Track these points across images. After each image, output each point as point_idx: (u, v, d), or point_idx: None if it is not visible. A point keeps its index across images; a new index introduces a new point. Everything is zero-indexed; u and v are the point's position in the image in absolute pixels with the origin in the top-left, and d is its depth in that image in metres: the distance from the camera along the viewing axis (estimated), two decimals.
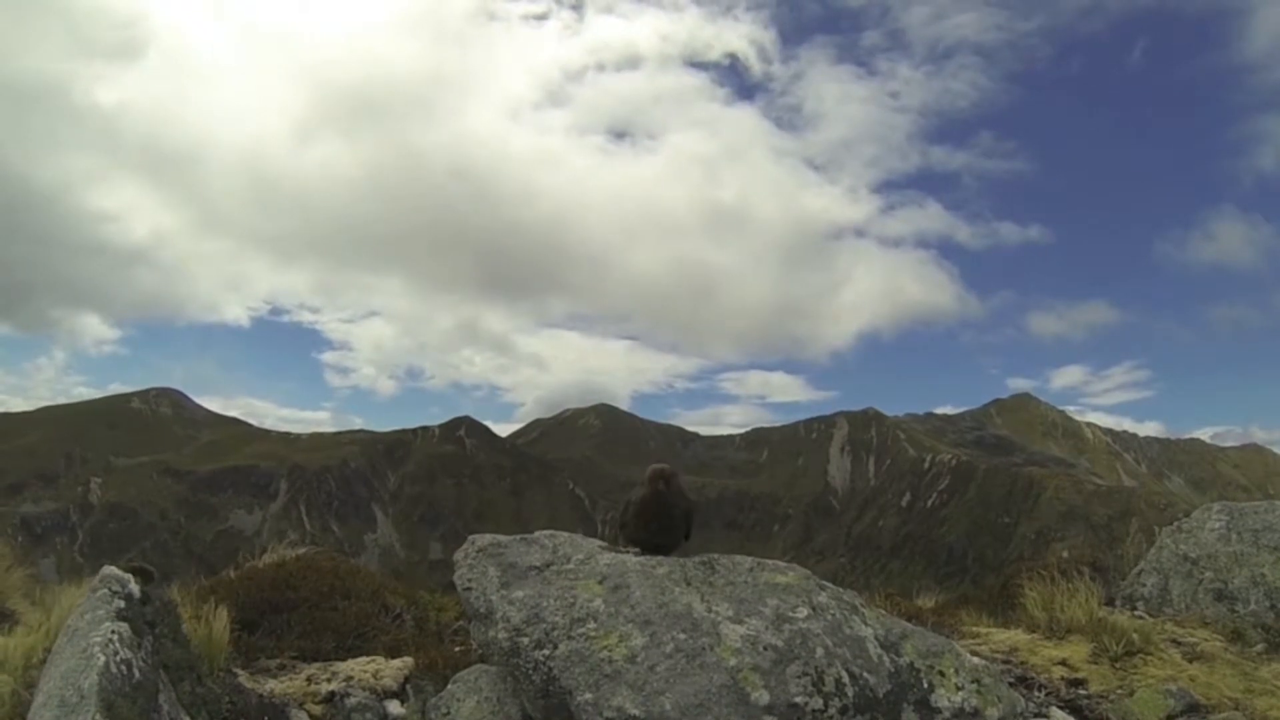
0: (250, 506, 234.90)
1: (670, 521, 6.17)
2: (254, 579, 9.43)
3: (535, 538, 6.11)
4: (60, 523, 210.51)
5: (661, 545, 6.16)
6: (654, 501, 6.17)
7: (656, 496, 6.17)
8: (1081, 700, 6.54)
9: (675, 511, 6.18)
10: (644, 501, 6.19)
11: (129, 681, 4.75)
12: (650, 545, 6.13)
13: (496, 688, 5.72)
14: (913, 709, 5.10)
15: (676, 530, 6.21)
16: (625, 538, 6.27)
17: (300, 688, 7.22)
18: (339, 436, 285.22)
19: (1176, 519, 10.21)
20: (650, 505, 6.17)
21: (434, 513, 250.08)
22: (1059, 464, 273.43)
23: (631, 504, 6.30)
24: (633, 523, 6.22)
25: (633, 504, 6.28)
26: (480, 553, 5.91)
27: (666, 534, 6.18)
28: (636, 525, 6.20)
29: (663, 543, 6.17)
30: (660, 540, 6.16)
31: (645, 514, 6.18)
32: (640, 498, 6.23)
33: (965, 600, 11.46)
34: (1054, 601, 8.37)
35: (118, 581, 5.52)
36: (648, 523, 6.16)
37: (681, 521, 6.20)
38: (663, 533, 6.16)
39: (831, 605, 5.53)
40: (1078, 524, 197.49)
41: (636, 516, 6.21)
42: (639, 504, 6.22)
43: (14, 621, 8.08)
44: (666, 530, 6.17)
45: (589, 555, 5.84)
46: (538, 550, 5.91)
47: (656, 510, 6.16)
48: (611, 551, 5.98)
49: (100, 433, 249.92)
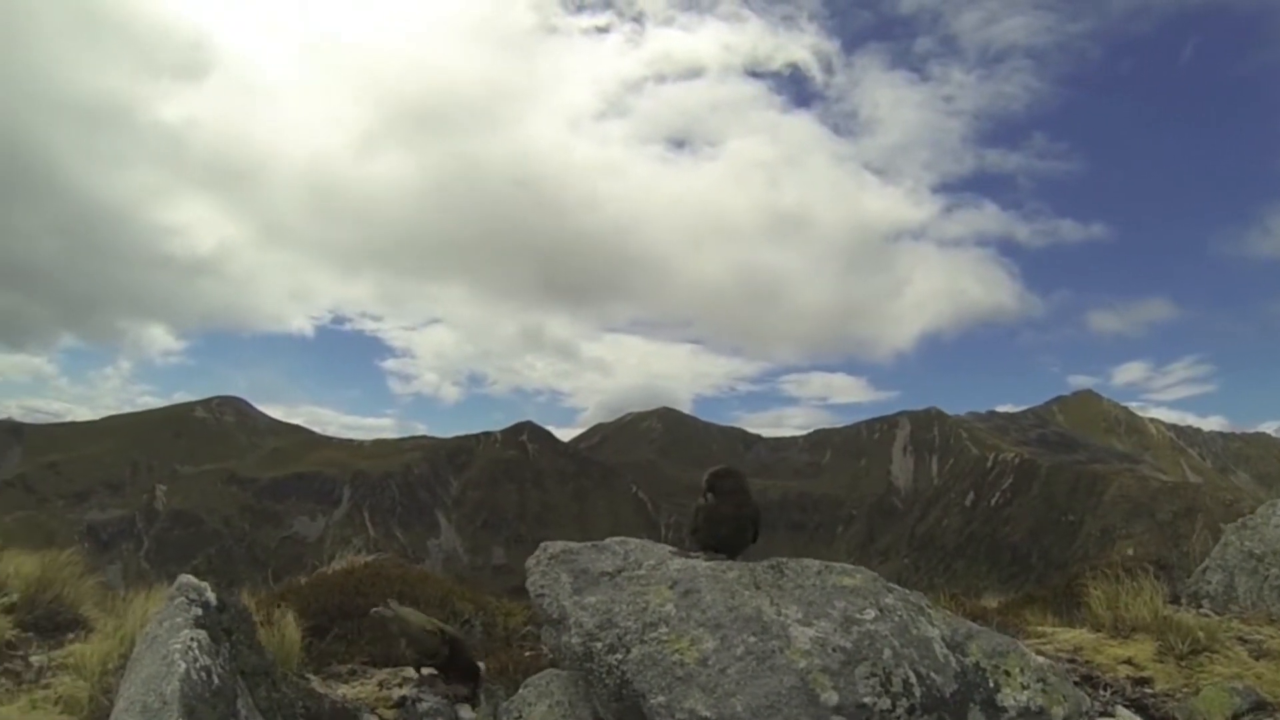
0: (313, 513, 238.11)
1: (738, 525, 6.15)
2: (323, 585, 9.56)
3: (606, 544, 6.13)
4: (126, 530, 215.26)
5: (730, 549, 6.15)
6: (721, 506, 6.16)
7: (724, 500, 6.16)
8: (1147, 699, 6.44)
9: (743, 515, 6.17)
10: (712, 506, 6.18)
11: (209, 687, 4.83)
12: (719, 549, 6.12)
13: (568, 691, 5.76)
14: (979, 708, 5.05)
15: (744, 534, 6.19)
16: (695, 542, 6.26)
17: (372, 693, 7.31)
18: (402, 443, 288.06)
19: (1242, 515, 10.03)
20: (718, 510, 6.16)
21: (497, 518, 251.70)
22: (1123, 461, 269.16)
23: (700, 509, 6.28)
24: (703, 527, 6.21)
25: (701, 509, 6.27)
26: (552, 560, 5.92)
27: (735, 538, 6.17)
28: (706, 530, 6.19)
29: (732, 546, 6.16)
30: (730, 544, 6.15)
31: (714, 518, 6.17)
32: (710, 504, 6.21)
33: (1029, 600, 11.33)
34: (1118, 600, 8.21)
35: (195, 590, 5.61)
36: (716, 527, 6.16)
37: (749, 525, 6.18)
38: (732, 536, 6.15)
39: (898, 606, 5.47)
40: (1142, 521, 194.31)
41: (706, 521, 6.20)
42: (707, 509, 6.21)
43: (87, 628, 8.23)
44: (735, 534, 6.16)
45: (660, 561, 5.83)
46: (609, 556, 5.92)
47: (725, 514, 6.14)
48: (681, 556, 5.97)
49: (165, 441, 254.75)
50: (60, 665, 7.02)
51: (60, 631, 8.11)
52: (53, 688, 6.41)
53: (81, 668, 6.45)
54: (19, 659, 7.25)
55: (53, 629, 8.12)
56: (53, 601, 8.43)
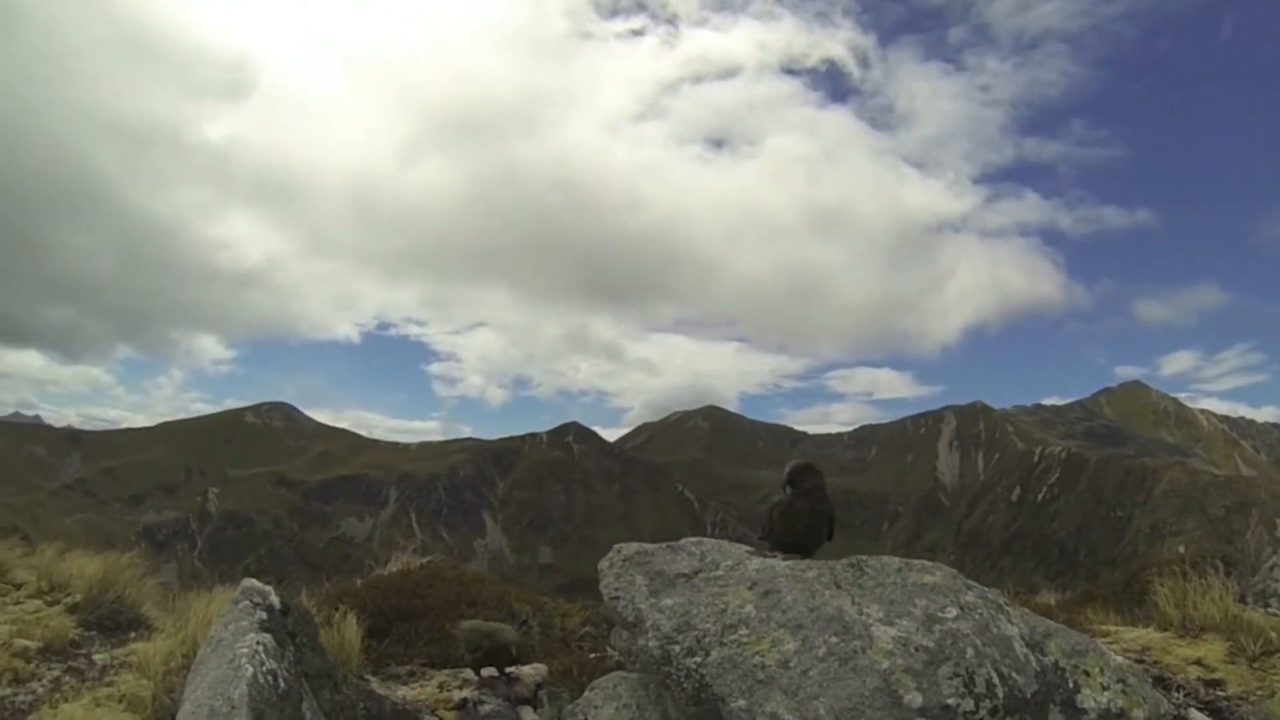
0: (361, 514, 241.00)
1: (815, 522, 6.02)
2: (380, 587, 9.58)
3: (682, 545, 6.00)
4: (180, 531, 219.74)
5: (806, 547, 6.01)
6: (798, 502, 6.04)
7: (802, 497, 6.04)
8: (1220, 702, 6.24)
9: (820, 512, 6.04)
10: (789, 502, 6.06)
11: (275, 691, 4.85)
12: (795, 547, 5.99)
13: (636, 694, 5.63)
14: (1059, 710, 4.87)
15: (820, 531, 6.05)
16: (772, 542, 6.12)
17: (432, 694, 7.29)
18: (447, 445, 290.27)
19: None
20: (795, 506, 6.04)
21: (543, 518, 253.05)
22: (1173, 454, 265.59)
23: (776, 506, 6.15)
24: (779, 525, 6.07)
25: (778, 506, 6.14)
26: (626, 562, 5.81)
27: (811, 535, 6.03)
28: (782, 527, 6.06)
29: (808, 544, 6.02)
30: (806, 542, 6.01)
31: (791, 515, 6.04)
32: (786, 501, 6.09)
33: (1089, 597, 11.13)
34: (1186, 598, 7.98)
35: (259, 593, 5.66)
36: (793, 523, 6.03)
37: (825, 522, 6.05)
38: (808, 534, 6.01)
39: (979, 604, 5.32)
40: (1194, 516, 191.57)
41: (782, 518, 6.07)
42: (784, 505, 6.08)
43: (148, 627, 8.42)
44: (812, 531, 6.02)
45: (737, 561, 5.70)
46: (685, 557, 5.80)
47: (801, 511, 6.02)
48: (759, 556, 5.85)
49: (217, 446, 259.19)
50: (123, 663, 7.22)
51: (122, 630, 8.37)
52: (116, 685, 6.54)
53: (144, 666, 6.55)
54: (82, 657, 7.49)
55: (114, 628, 8.38)
56: (114, 601, 8.72)
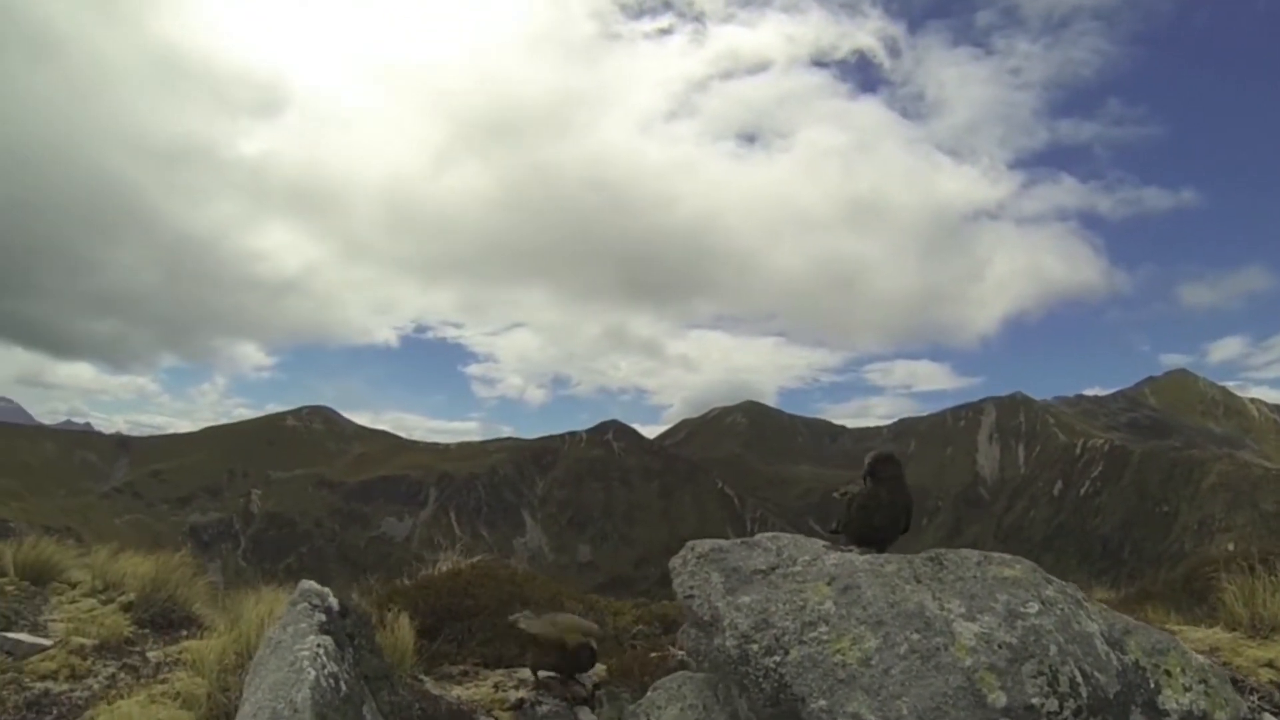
0: (400, 514, 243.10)
1: (894, 514, 5.86)
2: (430, 587, 9.52)
3: (757, 540, 5.84)
4: (225, 531, 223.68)
5: (883, 540, 5.87)
6: (879, 492, 5.87)
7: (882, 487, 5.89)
8: None
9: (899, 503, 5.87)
10: (870, 493, 5.89)
11: (338, 694, 4.81)
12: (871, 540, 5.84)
13: (702, 695, 5.52)
14: (1140, 711, 4.70)
15: (898, 523, 5.89)
16: (849, 534, 5.96)
17: (487, 694, 7.22)
18: (487, 445, 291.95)
19: None
20: (876, 496, 5.87)
21: (582, 516, 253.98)
22: (1221, 445, 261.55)
23: (855, 497, 6.00)
24: (857, 517, 5.91)
25: (856, 497, 5.98)
26: (700, 559, 5.66)
27: (890, 528, 5.87)
28: (860, 519, 5.89)
29: (885, 537, 5.88)
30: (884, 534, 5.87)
31: (870, 506, 5.87)
32: (866, 492, 5.93)
33: (1146, 595, 10.84)
34: (1256, 597, 7.65)
35: (317, 595, 5.65)
36: (871, 515, 5.86)
37: (903, 514, 5.89)
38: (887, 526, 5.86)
39: (1059, 599, 5.14)
40: (1244, 512, 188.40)
41: (860, 510, 5.90)
42: (864, 496, 5.92)
43: (200, 626, 8.59)
44: (890, 523, 5.86)
45: (815, 556, 5.55)
46: (760, 553, 5.64)
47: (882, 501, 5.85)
48: (836, 551, 5.69)
49: (259, 449, 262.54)
50: (176, 661, 7.34)
51: (174, 629, 8.56)
52: (170, 683, 6.60)
53: (199, 664, 6.59)
54: (137, 655, 7.63)
55: (167, 626, 8.58)
56: (166, 600, 8.97)
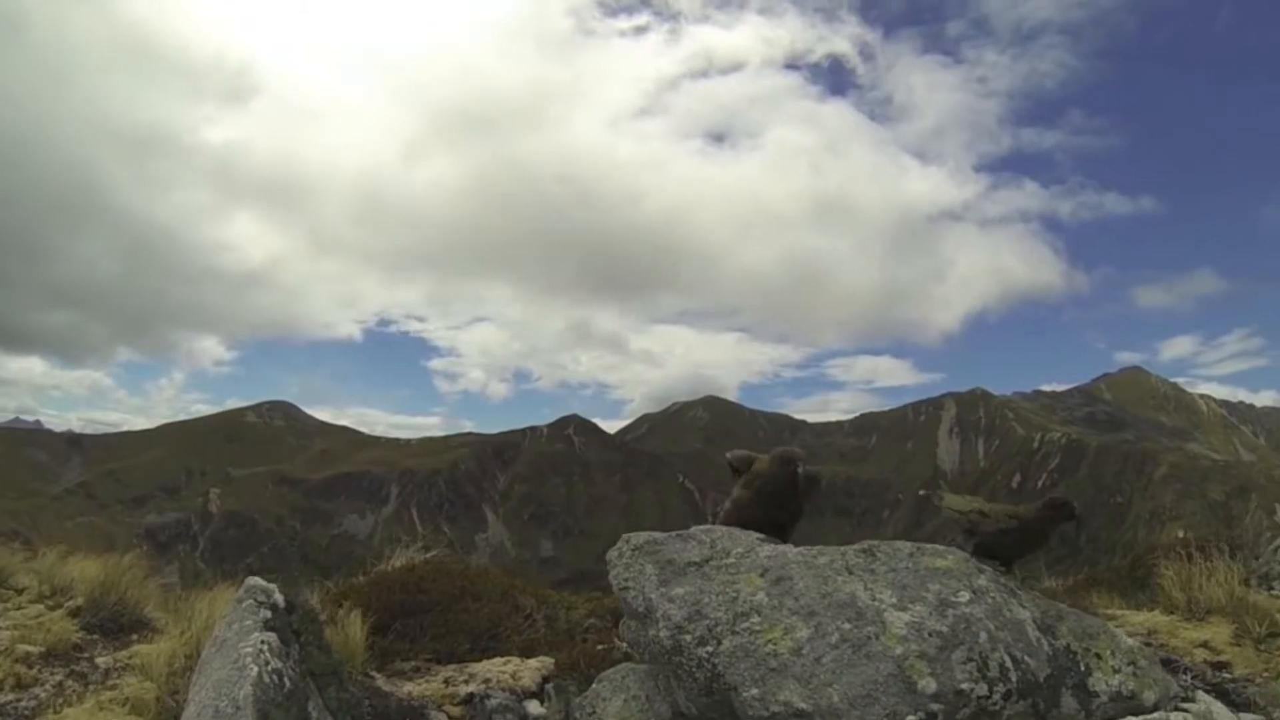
0: (363, 511, 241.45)
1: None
2: (384, 583, 9.51)
3: (692, 533, 5.95)
4: (182, 532, 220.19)
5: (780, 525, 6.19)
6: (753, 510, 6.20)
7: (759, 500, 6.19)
8: (1227, 684, 6.21)
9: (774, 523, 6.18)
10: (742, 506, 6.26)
11: (281, 691, 4.77)
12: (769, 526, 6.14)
13: (645, 686, 5.59)
14: (1071, 693, 4.89)
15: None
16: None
17: (438, 690, 7.24)
18: (448, 440, 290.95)
19: None
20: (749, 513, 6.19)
21: (544, 511, 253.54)
22: (1172, 439, 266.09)
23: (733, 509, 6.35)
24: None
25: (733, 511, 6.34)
26: (636, 551, 5.74)
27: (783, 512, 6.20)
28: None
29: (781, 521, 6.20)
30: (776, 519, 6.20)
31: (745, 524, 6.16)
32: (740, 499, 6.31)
33: (1093, 581, 11.11)
34: (1191, 581, 7.93)
35: (263, 591, 5.57)
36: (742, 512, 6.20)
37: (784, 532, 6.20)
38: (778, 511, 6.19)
39: (991, 588, 5.30)
40: (1194, 501, 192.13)
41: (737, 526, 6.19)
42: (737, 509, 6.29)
43: (152, 629, 8.33)
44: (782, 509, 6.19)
45: (748, 548, 5.66)
46: (695, 546, 5.74)
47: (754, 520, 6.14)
48: (770, 543, 5.81)
49: (218, 446, 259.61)
50: (126, 666, 7.06)
51: (124, 633, 8.20)
52: (119, 689, 6.40)
53: (147, 668, 6.46)
54: (85, 661, 7.31)
55: (117, 630, 8.20)
56: (116, 604, 8.54)
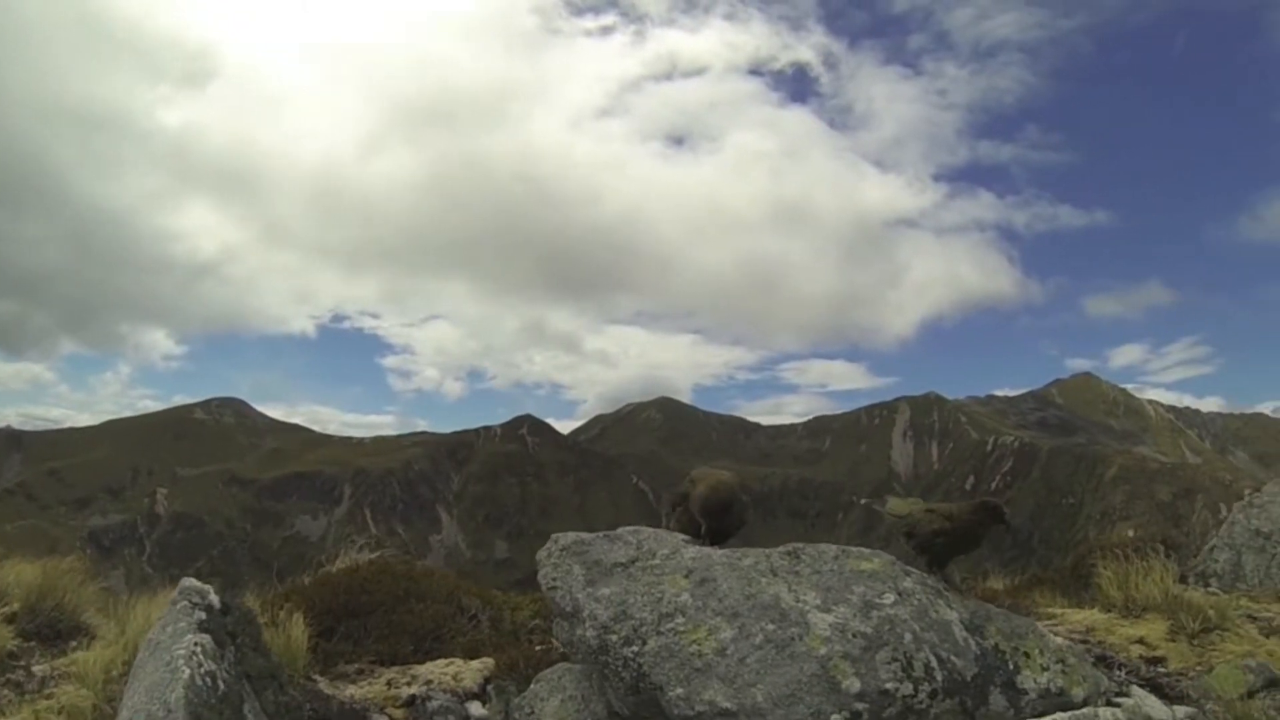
0: (315, 512, 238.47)
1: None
2: (327, 584, 9.43)
3: (619, 534, 6.07)
4: (128, 535, 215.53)
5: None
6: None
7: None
8: (1161, 678, 6.42)
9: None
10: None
11: (214, 693, 4.73)
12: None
13: (581, 686, 5.68)
14: (999, 691, 5.07)
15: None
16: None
17: (380, 692, 7.21)
18: (401, 440, 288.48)
19: (1244, 494, 10.10)
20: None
21: (498, 512, 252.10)
22: (1122, 442, 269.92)
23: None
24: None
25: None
26: (564, 551, 5.85)
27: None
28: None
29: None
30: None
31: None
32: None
33: (1037, 581, 11.31)
34: (1129, 580, 8.19)
35: (198, 593, 5.51)
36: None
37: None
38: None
39: (917, 590, 5.48)
40: (1143, 502, 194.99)
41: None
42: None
43: (90, 635, 8.14)
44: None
45: (674, 550, 5.79)
46: (622, 546, 5.85)
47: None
48: (695, 545, 5.95)
49: (165, 444, 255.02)
50: (63, 674, 6.90)
51: (63, 640, 8.02)
52: (56, 697, 6.28)
53: (84, 676, 6.33)
54: (21, 669, 7.15)
55: (55, 637, 8.02)
56: (54, 609, 8.32)
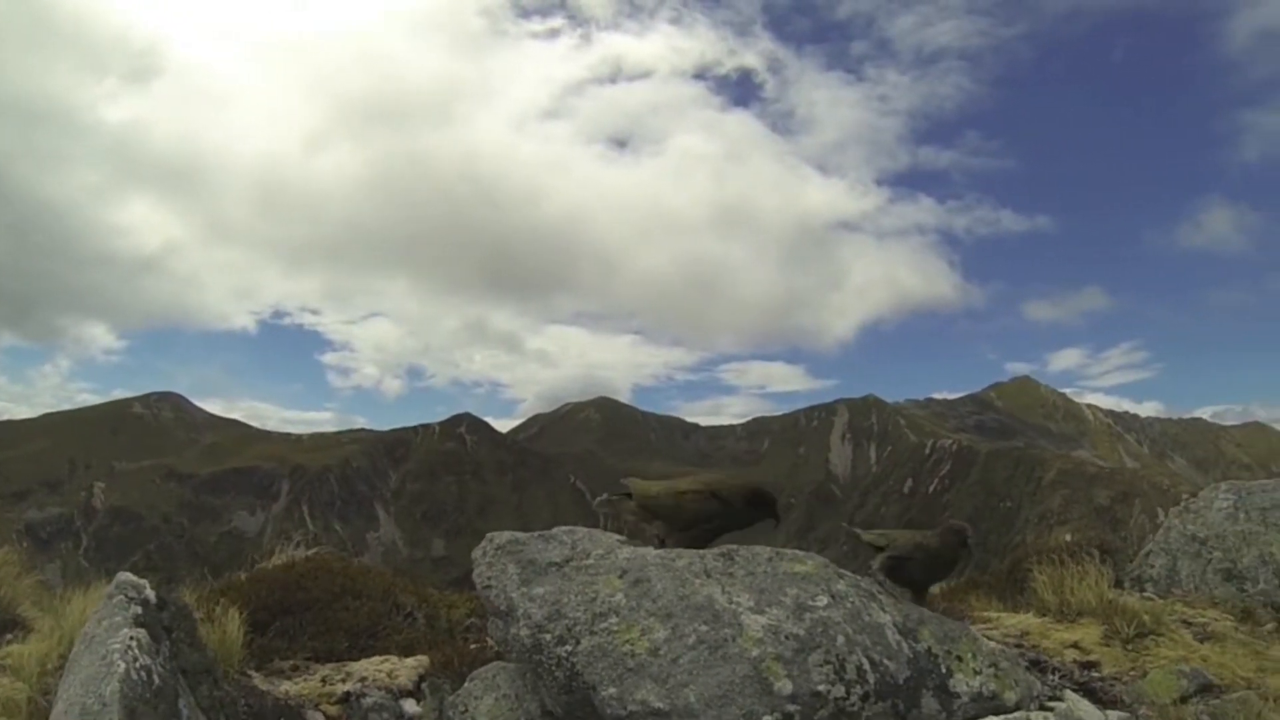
0: (253, 508, 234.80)
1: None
2: (264, 581, 9.35)
3: (554, 534, 6.04)
4: (65, 528, 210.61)
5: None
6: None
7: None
8: (1095, 683, 6.48)
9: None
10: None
11: (149, 687, 4.70)
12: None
13: (515, 684, 5.68)
14: (932, 695, 5.09)
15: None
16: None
17: (315, 688, 7.18)
18: (340, 436, 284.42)
19: (1181, 499, 10.16)
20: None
21: (436, 510, 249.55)
22: (1060, 446, 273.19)
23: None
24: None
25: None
26: (499, 550, 5.82)
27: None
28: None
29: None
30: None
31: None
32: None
33: (973, 585, 11.38)
34: (1064, 584, 8.27)
35: (134, 587, 5.44)
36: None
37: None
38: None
39: (850, 593, 5.49)
40: (1080, 506, 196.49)
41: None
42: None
43: (25, 629, 7.99)
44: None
45: (608, 550, 5.77)
46: (557, 546, 5.84)
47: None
48: (630, 545, 5.94)
49: (103, 438, 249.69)
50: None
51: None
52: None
53: (19, 669, 6.21)
54: None
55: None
56: None
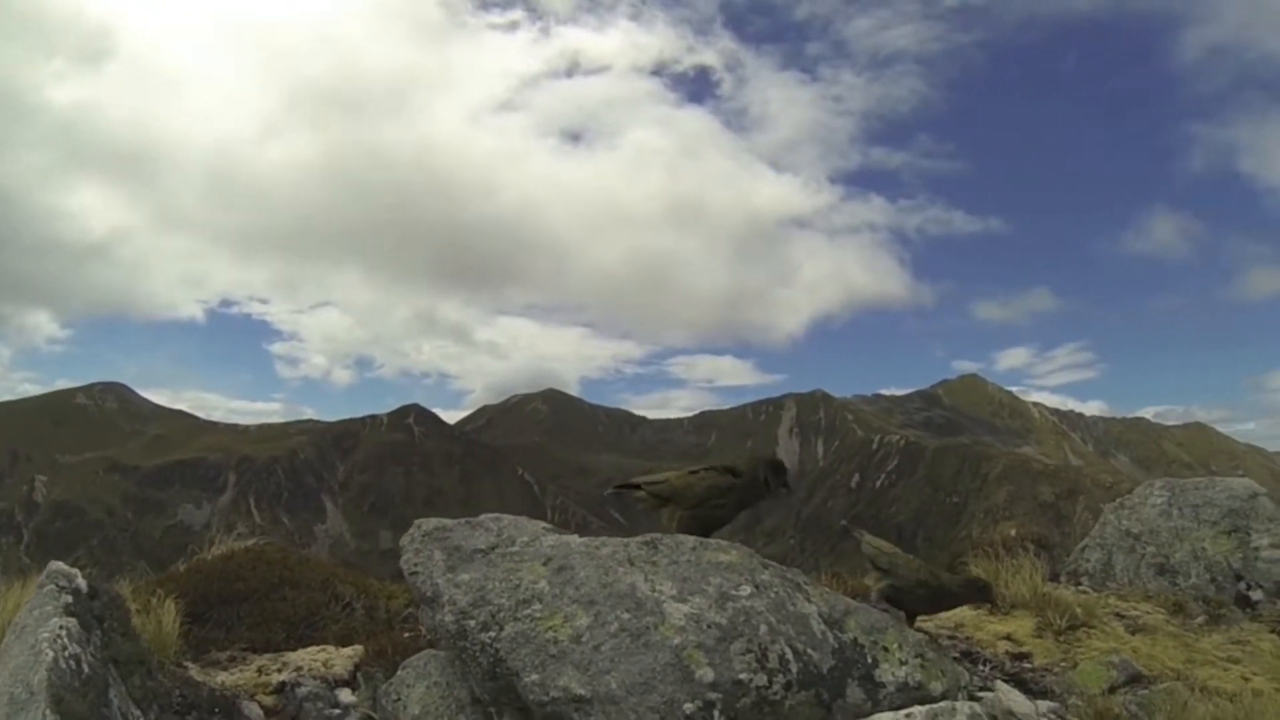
0: (198, 500, 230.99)
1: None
2: (202, 572, 9.30)
3: (480, 520, 6.04)
4: (5, 523, 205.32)
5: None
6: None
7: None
8: (1026, 673, 6.56)
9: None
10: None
11: (78, 676, 4.66)
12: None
13: (445, 672, 5.70)
14: (857, 684, 5.06)
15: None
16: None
17: (251, 679, 7.17)
18: (287, 427, 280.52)
19: (1121, 496, 10.34)
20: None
21: (383, 502, 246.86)
22: (1006, 442, 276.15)
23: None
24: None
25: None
26: (426, 537, 5.83)
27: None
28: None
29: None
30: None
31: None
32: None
33: None
34: (999, 577, 8.27)
35: (65, 577, 5.40)
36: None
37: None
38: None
39: (774, 583, 5.47)
40: (1025, 502, 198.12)
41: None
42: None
43: None
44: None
45: (534, 537, 5.78)
46: (483, 533, 5.84)
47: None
48: (555, 533, 5.95)
49: (45, 430, 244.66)
50: None
51: None
52: None
53: None
54: None
55: None
56: None
